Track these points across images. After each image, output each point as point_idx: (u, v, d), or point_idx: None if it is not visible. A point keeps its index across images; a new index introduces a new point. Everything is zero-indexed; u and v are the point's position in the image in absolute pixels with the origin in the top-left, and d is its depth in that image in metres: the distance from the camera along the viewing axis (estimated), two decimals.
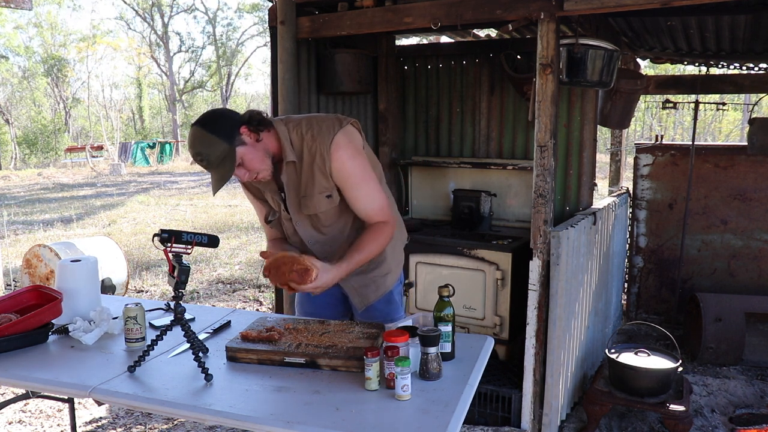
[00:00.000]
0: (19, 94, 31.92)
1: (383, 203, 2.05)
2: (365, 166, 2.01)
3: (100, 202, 12.99)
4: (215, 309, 2.47)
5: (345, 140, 1.95)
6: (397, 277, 2.30)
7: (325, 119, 2.00)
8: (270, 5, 3.36)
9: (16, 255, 7.12)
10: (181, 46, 37.93)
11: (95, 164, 23.03)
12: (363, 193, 2.01)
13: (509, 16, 2.76)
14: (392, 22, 3.03)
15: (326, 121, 1.99)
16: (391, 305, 2.27)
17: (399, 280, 2.32)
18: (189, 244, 1.81)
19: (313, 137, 1.96)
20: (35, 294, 2.16)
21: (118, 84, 37.32)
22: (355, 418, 1.50)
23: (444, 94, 4.19)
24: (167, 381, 1.71)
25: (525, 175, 3.86)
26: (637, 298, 4.76)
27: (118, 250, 5.55)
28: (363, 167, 2.00)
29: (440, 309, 1.84)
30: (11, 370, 1.81)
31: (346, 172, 1.97)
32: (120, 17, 36.23)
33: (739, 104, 15.06)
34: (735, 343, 3.78)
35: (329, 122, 1.98)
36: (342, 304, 2.32)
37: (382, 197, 2.05)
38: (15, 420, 3.26)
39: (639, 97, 3.95)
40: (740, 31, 3.82)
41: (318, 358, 1.77)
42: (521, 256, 3.23)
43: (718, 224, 4.51)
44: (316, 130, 1.96)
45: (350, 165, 1.97)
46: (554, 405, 2.90)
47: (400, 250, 2.31)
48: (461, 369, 1.79)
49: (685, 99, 4.72)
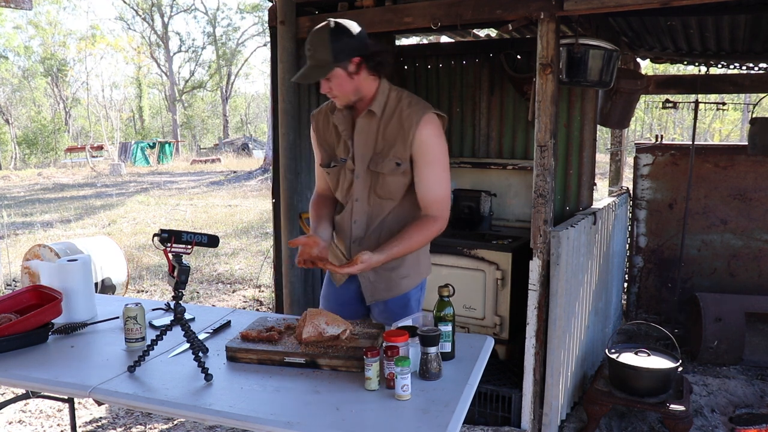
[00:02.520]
0: (19, 94, 31.92)
1: (446, 196, 2.04)
2: (445, 152, 2.03)
3: (100, 202, 12.99)
4: (215, 309, 2.47)
5: (436, 121, 2.01)
6: (415, 283, 2.21)
7: (426, 103, 2.06)
8: (270, 5, 3.37)
9: (16, 255, 7.12)
10: (181, 46, 37.97)
11: (95, 164, 23.03)
12: (434, 174, 2.02)
13: (509, 16, 2.75)
14: (392, 22, 3.03)
15: (423, 101, 2.05)
16: (407, 310, 2.19)
17: (419, 287, 2.23)
18: (189, 244, 1.81)
19: (409, 105, 2.01)
20: (35, 294, 2.15)
21: (118, 84, 37.34)
22: (355, 418, 1.50)
23: (444, 94, 4.19)
24: (167, 381, 1.71)
25: (525, 175, 3.86)
26: (637, 298, 4.76)
27: (118, 250, 5.55)
28: (443, 151, 2.02)
29: (440, 309, 1.84)
30: (11, 370, 1.81)
31: (428, 146, 1.99)
32: (120, 17, 36.24)
33: (739, 104, 15.05)
34: (735, 343, 3.78)
35: (426, 103, 2.05)
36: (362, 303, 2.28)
37: (448, 191, 2.04)
38: (15, 420, 3.26)
39: (639, 97, 3.95)
40: (740, 31, 3.82)
41: (318, 358, 1.77)
42: (521, 256, 3.23)
43: (718, 224, 4.51)
44: (414, 101, 2.03)
45: (434, 142, 1.99)
46: (554, 405, 2.90)
47: (423, 259, 2.23)
48: (461, 369, 1.78)
49: (685, 99, 4.72)
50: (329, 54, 1.92)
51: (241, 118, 43.44)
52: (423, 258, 2.24)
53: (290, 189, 3.31)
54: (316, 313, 1.90)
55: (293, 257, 3.43)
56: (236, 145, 28.27)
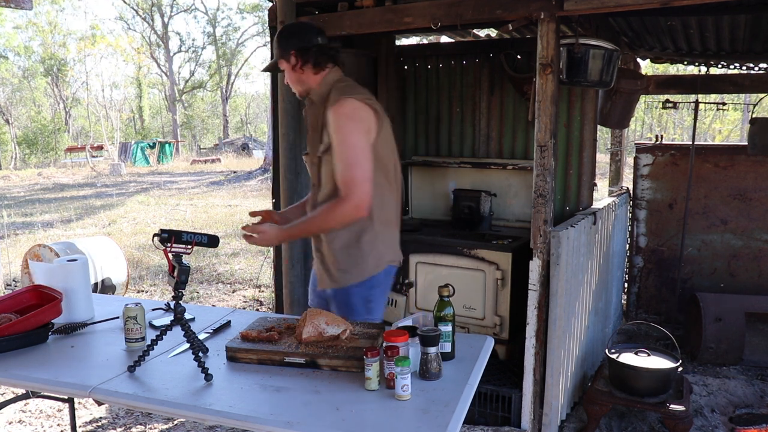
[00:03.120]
0: (19, 94, 31.92)
1: (351, 177, 2.03)
2: (355, 133, 2.05)
3: (100, 202, 12.99)
4: (215, 309, 2.48)
5: (349, 106, 2.06)
6: (356, 280, 2.19)
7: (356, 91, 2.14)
8: (270, 5, 3.37)
9: (16, 255, 7.11)
10: (181, 46, 37.96)
11: (95, 164, 23.03)
12: (340, 153, 2.06)
13: (509, 16, 2.75)
14: (392, 22, 3.03)
15: (354, 90, 2.14)
16: (349, 307, 2.21)
17: (364, 284, 2.19)
18: (189, 244, 1.81)
19: (338, 91, 2.13)
20: (35, 294, 2.15)
21: (118, 84, 37.33)
22: (355, 418, 1.50)
23: (444, 94, 4.19)
24: (167, 381, 1.71)
25: (525, 175, 3.86)
26: (637, 298, 4.76)
27: (118, 250, 5.55)
28: (352, 132, 2.05)
29: (440, 309, 1.84)
30: (11, 370, 1.81)
31: (336, 128, 2.06)
32: (120, 17, 36.24)
33: (739, 104, 15.05)
34: (735, 343, 3.78)
35: (354, 91, 2.13)
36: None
37: (354, 173, 2.03)
38: (15, 420, 3.26)
39: (639, 97, 3.95)
40: (740, 31, 3.82)
41: (318, 358, 1.77)
42: (521, 256, 3.23)
43: (718, 224, 4.51)
44: (346, 89, 2.14)
45: (342, 123, 2.06)
46: (554, 405, 2.90)
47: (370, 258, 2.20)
48: (461, 369, 1.79)
49: (685, 99, 4.72)
50: (277, 49, 2.21)
51: (241, 118, 43.45)
52: (369, 257, 2.19)
53: (290, 189, 3.31)
54: (316, 313, 1.90)
55: (293, 257, 3.43)
56: (236, 145, 28.28)
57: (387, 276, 2.28)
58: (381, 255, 2.22)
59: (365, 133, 2.07)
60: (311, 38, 2.18)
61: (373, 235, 2.19)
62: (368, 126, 2.09)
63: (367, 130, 2.08)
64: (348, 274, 2.20)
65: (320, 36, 2.21)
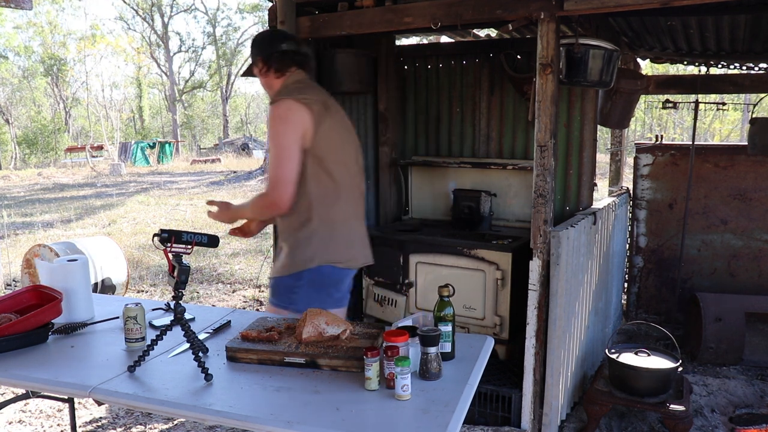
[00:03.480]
0: (19, 94, 31.91)
1: (273, 176, 2.18)
2: (281, 135, 2.18)
3: (100, 202, 12.99)
4: (215, 309, 2.48)
5: (283, 107, 2.19)
6: (287, 272, 2.32)
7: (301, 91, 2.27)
8: (270, 5, 3.37)
9: (16, 255, 7.12)
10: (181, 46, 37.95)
11: (95, 164, 23.03)
12: (270, 152, 2.25)
13: (509, 16, 2.75)
14: (392, 22, 3.03)
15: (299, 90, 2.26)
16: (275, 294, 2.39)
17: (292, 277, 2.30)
18: (189, 244, 1.81)
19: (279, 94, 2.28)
20: (35, 294, 2.15)
21: (118, 84, 37.33)
22: (355, 418, 1.50)
23: (444, 94, 4.19)
24: (167, 381, 1.71)
25: (525, 175, 3.86)
26: (637, 298, 4.76)
27: (118, 250, 5.55)
28: (278, 134, 2.18)
29: (440, 309, 1.84)
30: (11, 370, 1.81)
31: (268, 126, 2.29)
32: (120, 17, 36.23)
33: (739, 104, 15.05)
34: (735, 343, 3.78)
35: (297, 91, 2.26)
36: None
37: (276, 172, 2.17)
38: (15, 420, 3.26)
39: (639, 97, 3.95)
40: (740, 31, 3.82)
41: (318, 358, 1.77)
42: (521, 256, 3.23)
43: (718, 224, 4.51)
44: (285, 91, 2.28)
45: (271, 124, 2.22)
46: (554, 405, 2.90)
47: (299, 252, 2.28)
48: (461, 369, 1.79)
49: (685, 99, 4.72)
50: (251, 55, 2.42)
51: (241, 118, 43.44)
52: (300, 251, 2.28)
53: None
54: (316, 313, 1.90)
55: None
56: (236, 145, 28.27)
57: (322, 275, 2.31)
58: (315, 252, 2.28)
59: (295, 134, 2.18)
60: (275, 45, 2.34)
61: (309, 232, 2.26)
62: (301, 127, 2.18)
63: (298, 131, 2.18)
64: (281, 266, 2.34)
65: (285, 42, 2.36)
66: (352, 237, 2.40)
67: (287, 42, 2.36)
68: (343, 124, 2.41)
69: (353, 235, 2.41)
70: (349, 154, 2.40)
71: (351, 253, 2.38)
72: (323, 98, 2.32)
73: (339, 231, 2.33)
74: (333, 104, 2.38)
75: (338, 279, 2.38)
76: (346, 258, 2.36)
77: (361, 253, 2.46)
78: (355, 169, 2.43)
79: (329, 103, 2.35)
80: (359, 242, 2.45)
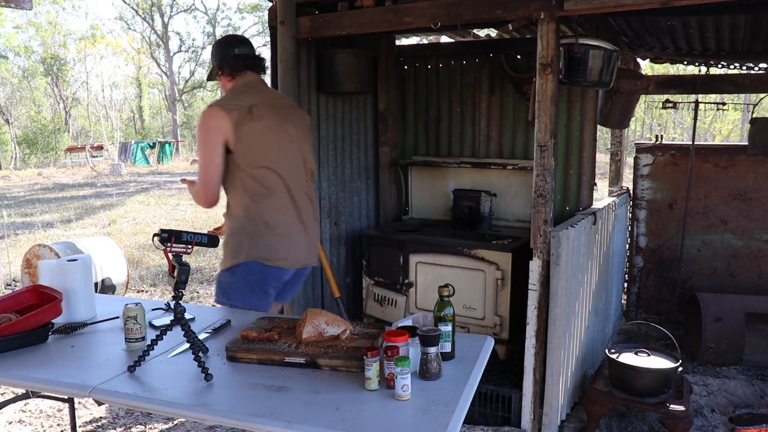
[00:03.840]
0: (19, 94, 31.90)
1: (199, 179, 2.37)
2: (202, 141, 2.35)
3: (100, 202, 12.99)
4: (215, 309, 2.48)
5: (206, 115, 2.33)
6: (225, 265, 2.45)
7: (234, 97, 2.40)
8: (270, 5, 3.37)
9: (16, 255, 7.11)
10: (181, 46, 37.93)
11: (95, 164, 23.03)
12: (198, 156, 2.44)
13: (509, 16, 2.75)
14: (392, 22, 3.03)
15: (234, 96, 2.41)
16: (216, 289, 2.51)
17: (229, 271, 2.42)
18: (189, 244, 1.81)
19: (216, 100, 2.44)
20: (35, 294, 2.16)
21: (118, 84, 37.31)
22: (355, 418, 1.50)
23: (444, 94, 4.19)
24: (167, 381, 1.71)
25: (525, 175, 3.86)
26: (637, 298, 4.76)
27: (118, 250, 5.55)
28: (200, 141, 2.35)
29: (440, 309, 1.84)
30: (11, 370, 1.81)
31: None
32: (120, 17, 36.23)
33: (739, 104, 15.05)
34: (735, 343, 3.77)
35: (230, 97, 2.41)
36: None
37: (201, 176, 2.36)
38: (15, 420, 3.26)
39: (639, 97, 3.95)
40: (740, 31, 3.82)
41: (318, 358, 1.77)
42: (521, 256, 3.23)
43: (718, 224, 4.51)
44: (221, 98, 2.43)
45: (198, 130, 2.38)
46: (554, 405, 2.90)
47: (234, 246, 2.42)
48: (461, 369, 1.79)
49: (685, 99, 4.72)
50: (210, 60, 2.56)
51: None
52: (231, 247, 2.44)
53: None
54: (316, 313, 1.90)
55: None
56: None
57: (252, 271, 2.39)
58: (242, 248, 2.39)
59: (215, 141, 2.31)
60: (229, 50, 2.45)
61: (239, 229, 2.40)
62: (221, 134, 2.30)
63: (219, 137, 2.30)
64: (223, 258, 2.47)
65: (238, 47, 2.46)
66: (286, 237, 2.45)
67: (240, 47, 2.46)
68: (277, 128, 2.43)
69: (288, 235, 2.46)
70: (285, 157, 2.45)
71: (283, 253, 2.43)
72: (255, 103, 2.38)
73: (270, 230, 2.40)
74: (267, 109, 2.41)
75: (270, 276, 2.44)
76: (277, 257, 2.41)
77: (300, 254, 2.51)
78: (294, 171, 2.48)
79: (262, 108, 2.39)
80: (297, 244, 2.49)
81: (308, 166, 2.57)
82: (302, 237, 2.51)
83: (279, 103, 2.53)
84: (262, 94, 2.46)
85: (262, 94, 2.47)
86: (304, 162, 2.54)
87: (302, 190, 2.51)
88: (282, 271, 2.46)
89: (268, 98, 2.49)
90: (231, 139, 2.30)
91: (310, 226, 2.56)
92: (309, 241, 2.56)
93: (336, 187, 3.86)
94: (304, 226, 2.51)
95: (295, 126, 2.51)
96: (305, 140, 2.58)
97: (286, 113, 2.50)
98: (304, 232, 2.52)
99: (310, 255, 2.60)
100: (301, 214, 2.49)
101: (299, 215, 2.48)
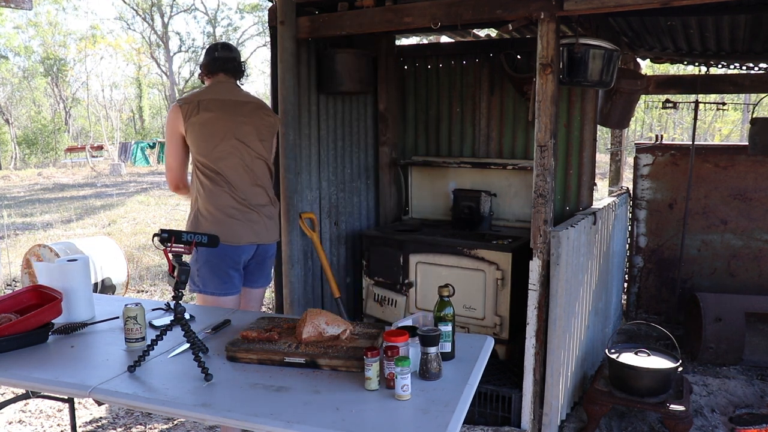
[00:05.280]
0: (19, 94, 31.90)
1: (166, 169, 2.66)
2: (166, 134, 2.60)
3: (100, 202, 12.99)
4: (215, 309, 2.47)
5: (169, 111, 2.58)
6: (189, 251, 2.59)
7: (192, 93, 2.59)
8: (270, 5, 3.37)
9: (16, 255, 7.11)
10: (181, 46, 37.89)
11: (95, 164, 23.03)
12: None
13: (509, 16, 2.76)
14: (392, 22, 3.03)
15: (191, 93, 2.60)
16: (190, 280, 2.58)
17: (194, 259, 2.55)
18: (189, 244, 1.81)
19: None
20: (35, 294, 2.15)
21: (118, 84, 37.29)
22: (355, 418, 1.50)
23: (444, 94, 4.19)
24: (167, 381, 1.71)
25: (525, 175, 3.86)
26: (637, 298, 4.76)
27: (118, 250, 5.55)
28: (166, 135, 2.60)
29: (440, 309, 1.84)
30: (11, 370, 1.81)
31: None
32: (120, 17, 36.21)
33: (739, 104, 15.05)
34: (735, 343, 3.77)
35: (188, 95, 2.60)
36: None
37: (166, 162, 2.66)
38: (15, 420, 3.26)
39: (639, 97, 3.95)
40: (740, 31, 3.82)
41: (318, 358, 1.77)
42: (521, 256, 3.23)
43: (718, 224, 4.51)
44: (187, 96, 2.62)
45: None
46: (554, 405, 2.90)
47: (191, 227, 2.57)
48: (461, 369, 1.79)
49: (685, 99, 4.72)
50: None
51: None
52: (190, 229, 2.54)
53: (290, 189, 3.31)
54: (316, 313, 1.90)
55: (293, 258, 3.43)
56: None
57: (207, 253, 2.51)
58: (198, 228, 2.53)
59: (173, 133, 2.57)
60: (210, 53, 2.66)
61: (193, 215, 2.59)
62: (175, 128, 2.55)
63: (175, 131, 2.56)
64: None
65: (219, 51, 2.65)
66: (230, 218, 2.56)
67: (220, 51, 2.65)
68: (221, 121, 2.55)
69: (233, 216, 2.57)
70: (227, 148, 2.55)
71: (230, 233, 2.54)
72: (206, 98, 2.55)
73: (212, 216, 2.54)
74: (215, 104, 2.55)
75: (225, 255, 2.53)
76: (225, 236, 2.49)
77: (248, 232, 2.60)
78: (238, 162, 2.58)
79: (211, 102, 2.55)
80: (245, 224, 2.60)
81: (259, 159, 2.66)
82: (251, 218, 2.61)
83: (236, 100, 2.62)
84: (219, 92, 2.60)
85: (220, 92, 2.60)
86: (253, 155, 2.62)
87: (250, 182, 2.61)
88: (234, 248, 2.55)
89: (224, 95, 2.60)
90: (183, 132, 2.54)
91: (265, 209, 2.67)
92: (263, 221, 2.65)
93: (336, 187, 3.86)
94: (254, 210, 2.62)
95: (247, 122, 2.61)
96: (258, 136, 2.65)
97: (239, 109, 2.60)
98: (257, 214, 2.63)
99: (267, 233, 2.68)
100: (250, 201, 2.61)
101: (247, 202, 2.60)
